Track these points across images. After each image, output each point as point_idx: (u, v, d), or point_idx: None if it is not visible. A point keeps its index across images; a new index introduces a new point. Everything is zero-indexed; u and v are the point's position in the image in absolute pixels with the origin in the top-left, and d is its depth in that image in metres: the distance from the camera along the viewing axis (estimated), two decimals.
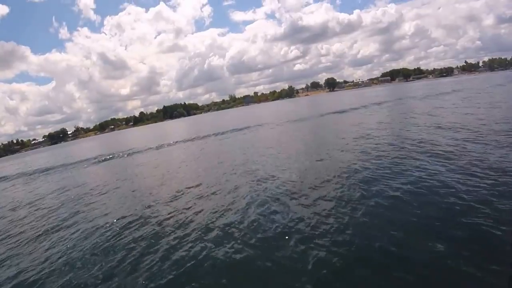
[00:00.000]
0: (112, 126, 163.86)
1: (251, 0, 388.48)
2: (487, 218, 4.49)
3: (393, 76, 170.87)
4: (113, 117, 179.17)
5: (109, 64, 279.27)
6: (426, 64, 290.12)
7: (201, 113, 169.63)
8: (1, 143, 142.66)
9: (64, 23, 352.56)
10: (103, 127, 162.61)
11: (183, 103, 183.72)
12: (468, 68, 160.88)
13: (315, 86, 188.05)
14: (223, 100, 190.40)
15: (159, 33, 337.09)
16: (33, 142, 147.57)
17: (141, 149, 23.29)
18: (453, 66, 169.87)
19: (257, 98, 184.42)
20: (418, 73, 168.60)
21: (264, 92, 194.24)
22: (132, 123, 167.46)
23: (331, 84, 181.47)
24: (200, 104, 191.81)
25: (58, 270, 5.25)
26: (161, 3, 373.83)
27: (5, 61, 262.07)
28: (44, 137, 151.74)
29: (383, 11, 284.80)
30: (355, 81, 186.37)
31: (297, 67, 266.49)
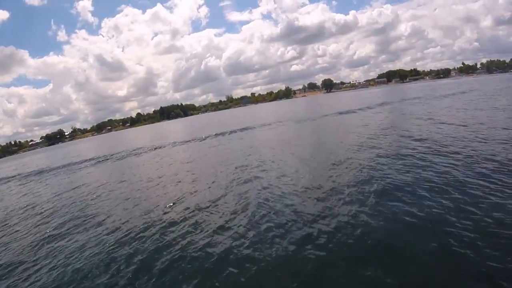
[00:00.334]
0: (109, 127, 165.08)
1: (248, 1, 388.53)
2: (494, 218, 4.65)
3: (390, 77, 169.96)
4: (110, 118, 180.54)
5: (106, 66, 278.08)
6: (423, 65, 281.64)
7: (198, 114, 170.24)
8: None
9: (62, 26, 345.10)
10: (100, 128, 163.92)
11: (180, 104, 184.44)
12: (466, 70, 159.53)
13: (312, 87, 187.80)
14: (220, 101, 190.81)
15: (156, 34, 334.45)
16: (31, 143, 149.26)
17: (138, 151, 22.86)
18: (450, 68, 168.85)
19: (254, 99, 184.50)
20: (415, 74, 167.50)
21: (261, 93, 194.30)
22: (129, 124, 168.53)
23: (328, 85, 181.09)
24: (197, 105, 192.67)
25: (57, 275, 5.21)
26: (158, 4, 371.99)
27: (4, 66, 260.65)
28: (42, 138, 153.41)
29: (379, 12, 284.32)
30: (352, 82, 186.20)
31: (294, 68, 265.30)
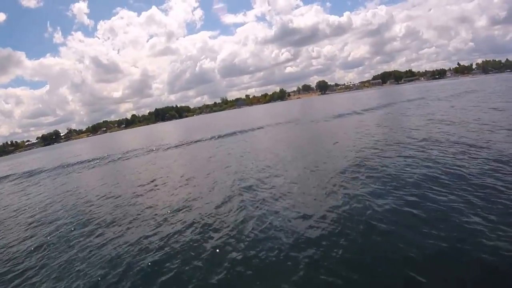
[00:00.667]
0: (104, 128, 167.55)
1: (242, 3, 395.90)
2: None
3: (385, 79, 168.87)
4: (106, 119, 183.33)
5: (102, 68, 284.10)
6: (418, 66, 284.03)
7: (193, 116, 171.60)
8: None
9: (59, 28, 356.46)
10: (96, 129, 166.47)
11: (175, 106, 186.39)
12: (461, 70, 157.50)
13: (307, 89, 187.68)
14: (215, 103, 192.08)
15: (151, 37, 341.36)
16: (27, 144, 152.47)
17: (129, 154, 22.03)
18: (446, 68, 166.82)
19: (249, 101, 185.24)
20: (410, 75, 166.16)
21: (256, 95, 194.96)
22: (124, 126, 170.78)
23: (323, 87, 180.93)
24: (192, 107, 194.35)
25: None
26: (153, 7, 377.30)
27: (2, 67, 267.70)
28: (38, 139, 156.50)
29: (373, 13, 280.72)
30: (347, 84, 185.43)
31: (288, 70, 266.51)
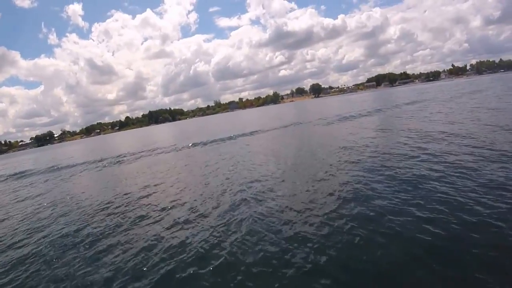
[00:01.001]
0: (98, 130, 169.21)
1: (236, 6, 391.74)
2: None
3: (379, 81, 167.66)
4: (99, 121, 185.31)
5: (96, 70, 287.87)
6: (413, 68, 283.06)
7: (186, 119, 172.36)
8: None
9: (53, 29, 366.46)
10: (89, 131, 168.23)
11: (169, 109, 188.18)
12: (456, 72, 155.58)
13: (300, 92, 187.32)
14: (208, 106, 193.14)
15: (146, 39, 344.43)
16: (21, 144, 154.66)
17: (124, 157, 21.13)
18: (440, 70, 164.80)
19: (242, 104, 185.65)
20: (405, 78, 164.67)
21: (249, 98, 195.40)
22: (118, 128, 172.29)
23: (316, 90, 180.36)
24: (185, 110, 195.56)
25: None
26: (148, 10, 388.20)
27: None
28: (31, 139, 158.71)
29: (368, 16, 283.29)
30: (341, 87, 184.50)
31: (282, 73, 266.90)
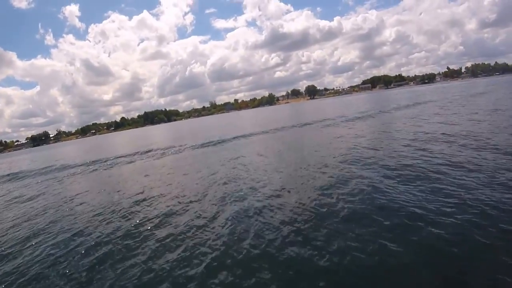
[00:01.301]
0: (94, 131, 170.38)
1: (233, 8, 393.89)
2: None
3: (374, 83, 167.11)
4: (95, 122, 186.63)
5: (93, 71, 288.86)
6: (408, 71, 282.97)
7: (182, 120, 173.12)
8: None
9: (50, 30, 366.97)
10: (85, 131, 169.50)
11: (164, 109, 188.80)
12: (451, 74, 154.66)
13: (296, 94, 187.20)
14: (204, 107, 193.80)
15: (142, 41, 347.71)
16: (16, 144, 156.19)
17: (120, 158, 20.63)
18: (435, 73, 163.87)
19: (238, 106, 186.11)
20: (400, 80, 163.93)
21: (245, 100, 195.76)
22: (114, 128, 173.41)
23: (312, 92, 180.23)
24: (181, 111, 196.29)
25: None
26: (145, 11, 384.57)
27: None
28: (27, 139, 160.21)
29: (364, 18, 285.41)
30: (336, 89, 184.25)
31: (278, 75, 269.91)
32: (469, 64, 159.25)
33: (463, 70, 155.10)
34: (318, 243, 4.61)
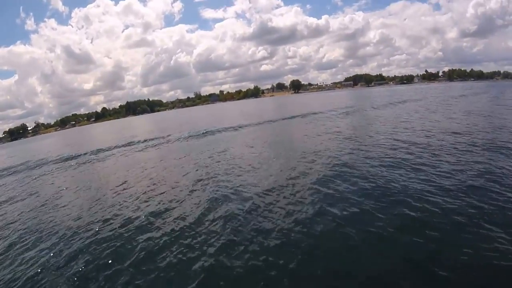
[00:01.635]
0: (73, 122, 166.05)
1: None
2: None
3: (356, 81, 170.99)
4: (75, 113, 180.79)
5: (74, 58, 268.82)
6: (388, 71, 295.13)
7: (165, 110, 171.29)
8: None
9: (31, 14, 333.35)
10: (64, 123, 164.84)
11: (147, 99, 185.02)
12: (428, 77, 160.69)
13: (281, 87, 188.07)
14: (188, 98, 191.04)
15: (127, 27, 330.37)
16: None
17: (101, 152, 19.98)
18: (414, 74, 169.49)
19: (223, 97, 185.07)
20: (380, 79, 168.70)
21: (230, 91, 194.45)
22: (94, 119, 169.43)
23: (296, 86, 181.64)
24: (165, 101, 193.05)
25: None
26: None
27: None
28: (4, 133, 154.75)
29: (351, 18, 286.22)
30: (320, 84, 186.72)
31: (264, 68, 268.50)
32: (447, 69, 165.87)
33: (440, 74, 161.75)
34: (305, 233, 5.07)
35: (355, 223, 5.24)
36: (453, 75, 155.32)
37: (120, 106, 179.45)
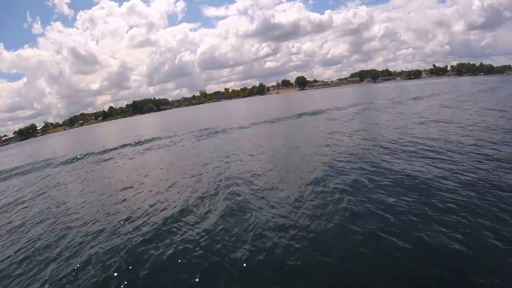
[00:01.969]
0: (81, 121, 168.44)
1: None
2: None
3: (362, 77, 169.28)
4: (83, 112, 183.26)
5: (80, 59, 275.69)
6: (394, 66, 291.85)
7: (172, 109, 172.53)
8: None
9: (38, 18, 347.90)
10: (72, 122, 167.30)
11: (153, 98, 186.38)
12: (436, 72, 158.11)
13: (286, 84, 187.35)
14: (194, 96, 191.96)
15: (131, 28, 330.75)
16: (4, 138, 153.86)
17: (108, 153, 19.74)
18: (421, 69, 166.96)
19: (228, 95, 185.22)
20: (387, 75, 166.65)
21: (235, 89, 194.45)
22: (101, 118, 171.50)
23: (302, 83, 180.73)
24: (171, 100, 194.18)
25: None
26: None
27: None
28: (15, 133, 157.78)
29: (354, 13, 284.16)
30: (325, 81, 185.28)
31: (268, 65, 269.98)
32: (455, 63, 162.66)
33: (449, 68, 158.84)
34: (313, 237, 4.97)
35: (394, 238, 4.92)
36: (462, 69, 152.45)
37: (127, 105, 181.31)
